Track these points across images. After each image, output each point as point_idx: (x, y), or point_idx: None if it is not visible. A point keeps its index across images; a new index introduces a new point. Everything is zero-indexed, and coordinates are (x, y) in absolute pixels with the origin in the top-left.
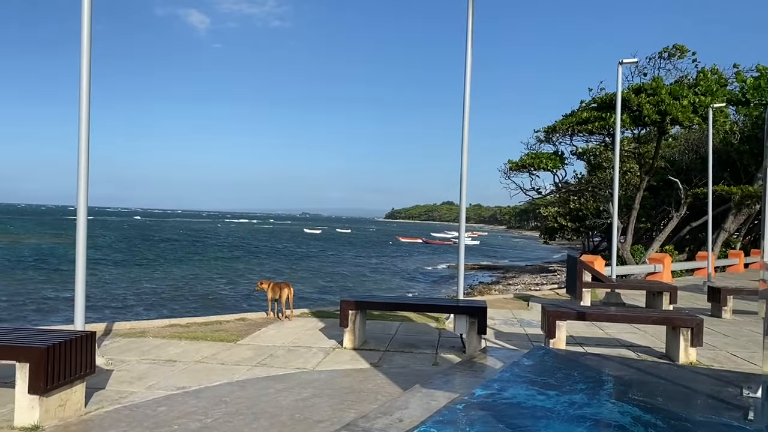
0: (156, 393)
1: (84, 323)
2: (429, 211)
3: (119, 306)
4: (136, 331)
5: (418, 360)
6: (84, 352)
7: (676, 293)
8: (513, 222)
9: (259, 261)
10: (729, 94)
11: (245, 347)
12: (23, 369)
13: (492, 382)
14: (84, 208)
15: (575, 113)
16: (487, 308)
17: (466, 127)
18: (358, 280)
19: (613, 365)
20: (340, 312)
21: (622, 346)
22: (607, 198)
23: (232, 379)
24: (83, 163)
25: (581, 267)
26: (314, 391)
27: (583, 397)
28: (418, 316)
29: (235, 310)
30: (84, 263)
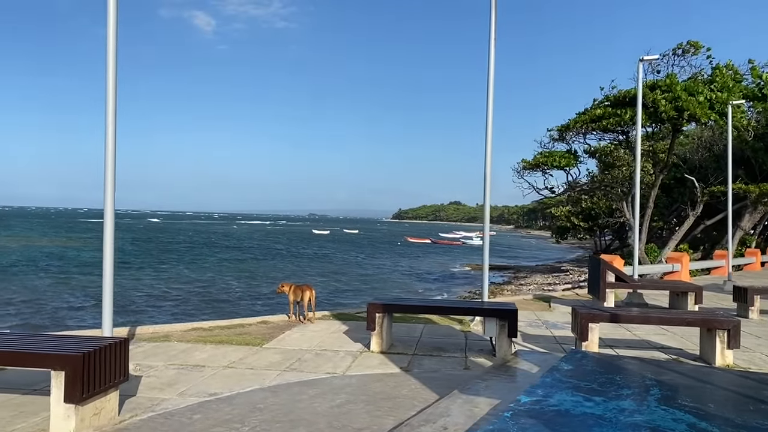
0: (189, 400)
1: (112, 329)
2: (436, 211)
3: (137, 309)
4: (160, 335)
5: (448, 364)
6: (118, 359)
7: (701, 293)
8: (521, 221)
9: (275, 263)
10: (745, 90)
11: (272, 351)
12: (59, 377)
13: (535, 388)
14: (111, 214)
15: (588, 111)
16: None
17: (489, 127)
18: (371, 282)
19: (654, 369)
20: (367, 315)
21: (653, 348)
22: (620, 196)
23: (263, 385)
24: (110, 173)
25: (605, 267)
26: (348, 396)
27: (631, 404)
28: (441, 318)
29: (255, 313)
30: (111, 269)
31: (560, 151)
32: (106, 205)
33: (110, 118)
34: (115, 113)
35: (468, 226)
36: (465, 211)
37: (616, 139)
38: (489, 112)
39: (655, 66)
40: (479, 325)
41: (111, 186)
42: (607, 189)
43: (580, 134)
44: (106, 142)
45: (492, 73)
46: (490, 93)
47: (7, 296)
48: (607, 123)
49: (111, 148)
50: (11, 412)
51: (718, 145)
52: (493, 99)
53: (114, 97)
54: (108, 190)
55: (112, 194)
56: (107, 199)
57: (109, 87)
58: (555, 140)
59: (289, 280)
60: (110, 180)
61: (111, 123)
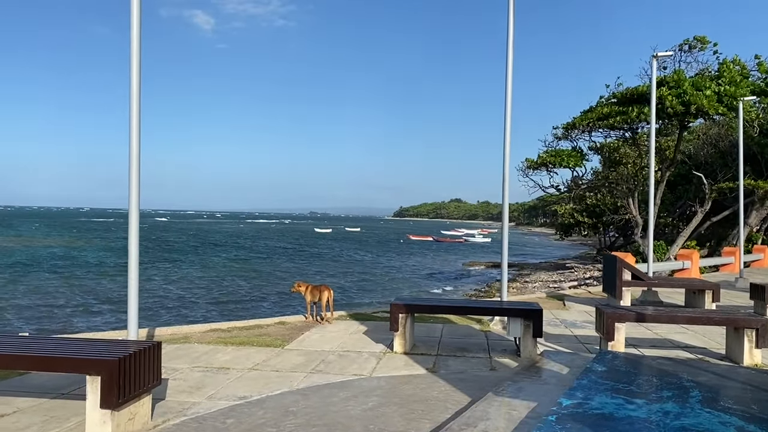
0: (219, 404)
1: (137, 332)
2: (437, 208)
3: (149, 311)
4: (179, 337)
5: (474, 365)
6: (151, 363)
7: (719, 291)
8: (522, 219)
9: (287, 263)
10: (752, 86)
11: (295, 353)
12: (94, 382)
13: (573, 391)
14: (136, 218)
15: (594, 109)
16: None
17: (508, 124)
18: (378, 281)
19: (688, 369)
20: (390, 316)
21: (677, 348)
22: (625, 193)
23: (292, 387)
24: (134, 176)
25: (621, 265)
26: (380, 399)
27: (674, 406)
28: (459, 318)
29: (266, 313)
30: (137, 273)
31: (567, 149)
32: (131, 209)
33: (134, 121)
34: (138, 116)
35: (469, 224)
36: (466, 209)
37: (622, 136)
38: (507, 111)
39: (661, 62)
40: (498, 325)
41: (135, 191)
42: (611, 186)
43: (586, 132)
44: (131, 146)
45: (510, 73)
46: (508, 95)
47: (15, 299)
48: (614, 121)
49: (135, 153)
50: (42, 417)
51: (724, 142)
52: (511, 99)
53: (138, 99)
54: (132, 195)
55: (136, 198)
56: (132, 203)
57: (133, 90)
58: (559, 138)
59: (299, 279)
60: (135, 185)
61: (135, 127)
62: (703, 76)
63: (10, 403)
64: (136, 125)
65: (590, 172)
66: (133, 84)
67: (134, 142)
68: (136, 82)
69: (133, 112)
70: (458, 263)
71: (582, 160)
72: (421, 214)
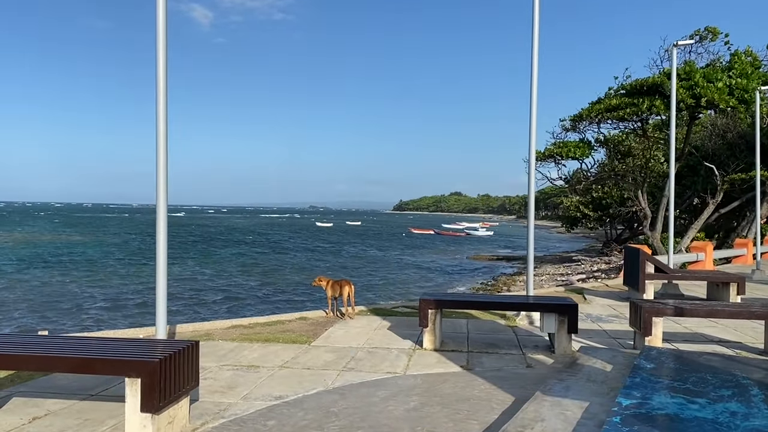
0: (255, 404)
1: (166, 331)
2: (437, 202)
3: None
4: (201, 334)
5: (508, 361)
6: (190, 364)
7: (743, 284)
8: (522, 211)
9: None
10: (764, 76)
11: (322, 349)
12: (134, 385)
13: (629, 390)
14: (163, 215)
15: (602, 100)
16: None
17: (534, 117)
18: (387, 275)
19: (739, 366)
20: (419, 311)
21: (711, 342)
22: (632, 186)
23: (327, 387)
24: (162, 175)
25: (644, 258)
26: (420, 399)
27: (739, 406)
28: (482, 313)
29: (285, 308)
30: (165, 270)
31: (574, 141)
32: (159, 208)
33: (161, 125)
34: (165, 118)
35: (469, 217)
36: (466, 202)
37: (632, 128)
38: (533, 103)
39: (670, 53)
40: (525, 320)
41: (163, 189)
42: (618, 178)
43: (594, 123)
44: (158, 146)
45: (536, 67)
46: (534, 86)
47: (27, 296)
48: (624, 113)
49: (162, 152)
50: (75, 420)
51: (732, 133)
52: (536, 91)
53: (164, 101)
54: (160, 194)
55: (164, 197)
56: (159, 202)
57: (160, 91)
58: (567, 130)
59: (320, 274)
60: (162, 184)
61: (162, 128)
62: (715, 68)
63: (40, 405)
64: (163, 128)
65: (596, 165)
66: (160, 85)
67: (161, 142)
68: (163, 84)
69: (159, 114)
70: (463, 256)
71: (589, 151)
72: (421, 207)
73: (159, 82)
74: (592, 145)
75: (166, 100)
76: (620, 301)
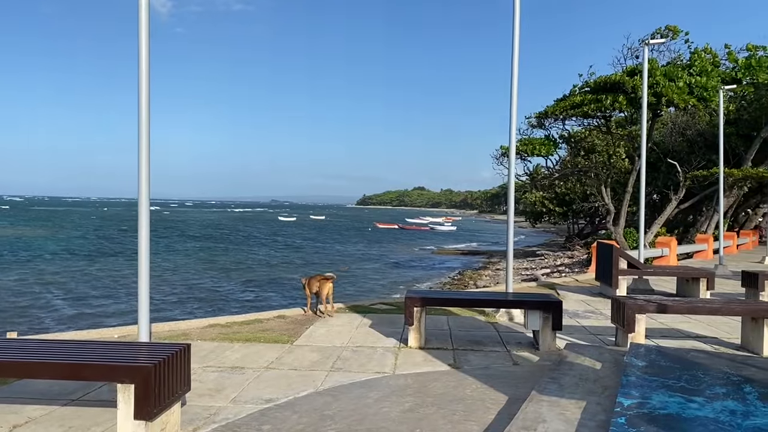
0: (246, 408)
1: (149, 333)
2: (401, 196)
3: (126, 305)
4: (178, 334)
5: (495, 359)
6: (182, 368)
7: (713, 279)
8: (484, 206)
9: (253, 251)
10: (723, 75)
11: (306, 349)
12: (127, 391)
13: (627, 389)
14: (146, 215)
15: (568, 97)
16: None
17: (513, 116)
18: (355, 271)
19: (727, 363)
20: (405, 310)
21: (689, 338)
22: (595, 182)
23: (317, 388)
24: (144, 171)
25: (617, 254)
26: (414, 399)
27: (737, 404)
28: (462, 309)
29: (258, 305)
30: (147, 269)
31: (540, 138)
32: (141, 206)
33: (143, 118)
34: (148, 112)
35: (433, 212)
36: (429, 197)
37: (595, 125)
38: (513, 103)
39: (634, 51)
40: (505, 316)
41: (145, 187)
42: (581, 174)
43: (559, 120)
44: (140, 143)
45: (516, 60)
46: (514, 85)
47: None
48: (588, 109)
49: (144, 148)
50: (59, 428)
51: (692, 130)
52: (516, 90)
53: (147, 97)
54: (142, 191)
55: (146, 195)
56: (142, 200)
57: (142, 87)
58: (533, 127)
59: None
60: (144, 180)
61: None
62: (675, 66)
63: (20, 411)
64: (146, 122)
65: (560, 161)
66: (142, 77)
67: (144, 138)
68: (145, 80)
69: (142, 110)
70: (428, 251)
71: (554, 148)
72: (384, 202)
73: (141, 74)
74: (557, 141)
75: (148, 94)
76: (593, 297)
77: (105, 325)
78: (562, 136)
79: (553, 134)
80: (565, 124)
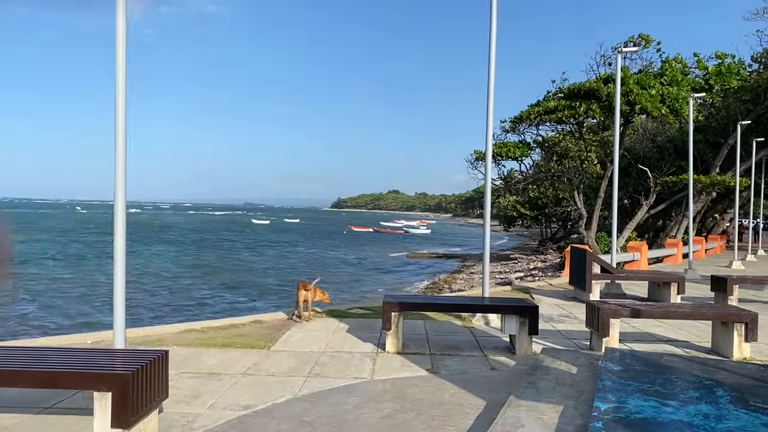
0: (224, 414)
1: (125, 340)
2: (375, 200)
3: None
4: (153, 339)
5: (472, 364)
6: (160, 375)
7: (684, 284)
8: (458, 210)
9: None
10: (693, 83)
11: (283, 354)
12: (104, 399)
13: (604, 393)
14: (122, 218)
15: (542, 103)
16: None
17: (490, 123)
18: (331, 275)
19: (700, 366)
20: (383, 314)
21: (661, 341)
22: (568, 186)
23: (296, 394)
24: (120, 174)
25: (590, 259)
26: (393, 405)
27: (710, 408)
28: (438, 314)
29: (234, 310)
30: (123, 274)
31: (513, 142)
32: (117, 209)
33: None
34: (125, 112)
35: (407, 215)
36: (403, 200)
37: (569, 131)
38: (489, 109)
39: (607, 59)
40: (481, 321)
41: (122, 189)
42: (554, 179)
43: (533, 125)
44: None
45: (493, 60)
46: (491, 88)
47: None
48: (562, 115)
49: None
50: None
51: (662, 137)
52: (493, 95)
53: (123, 96)
54: (119, 194)
55: (123, 198)
56: (118, 204)
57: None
58: (508, 131)
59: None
60: (121, 183)
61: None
62: (647, 74)
63: None
64: (122, 122)
65: (533, 166)
66: (119, 79)
67: (120, 140)
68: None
69: (119, 109)
70: (402, 254)
71: (528, 152)
72: (359, 205)
73: (118, 76)
74: (531, 146)
75: (125, 96)
76: (567, 301)
77: (78, 331)
78: (536, 141)
79: (526, 139)
80: (539, 130)
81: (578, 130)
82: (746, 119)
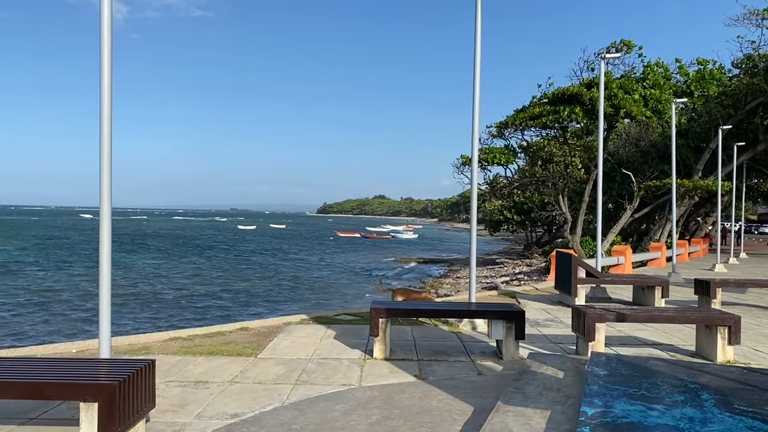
0: (212, 423)
1: (110, 349)
2: (361, 205)
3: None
4: (138, 347)
5: (459, 369)
6: (147, 384)
7: (668, 287)
8: (444, 214)
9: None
10: (674, 87)
11: (270, 362)
12: (90, 409)
13: (591, 398)
14: (107, 225)
15: (526, 108)
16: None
17: (476, 128)
18: (318, 280)
19: (685, 370)
20: (370, 321)
21: (646, 345)
22: (553, 191)
23: (283, 402)
24: (105, 180)
25: (576, 263)
26: (381, 412)
27: (695, 412)
28: (425, 319)
29: (221, 317)
30: (108, 282)
31: (499, 147)
32: (102, 217)
33: (105, 125)
34: (110, 118)
35: (393, 220)
36: (389, 205)
37: (554, 135)
38: (475, 115)
39: (590, 64)
40: (468, 326)
41: (107, 196)
42: (539, 183)
43: (519, 130)
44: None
45: (479, 60)
46: (476, 91)
47: None
48: (546, 120)
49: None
50: None
51: (645, 141)
52: (479, 99)
53: (109, 100)
54: (104, 201)
55: (108, 206)
56: (103, 209)
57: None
58: (494, 136)
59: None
60: (106, 189)
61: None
62: (629, 78)
63: None
64: (107, 127)
65: (518, 170)
66: (104, 81)
67: (105, 144)
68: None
69: (104, 114)
70: (390, 259)
71: (513, 157)
72: (345, 210)
73: (103, 78)
74: (517, 151)
75: (110, 99)
76: (553, 305)
77: (60, 340)
78: (521, 146)
79: (512, 144)
80: (524, 134)
81: (563, 135)
82: (727, 124)
